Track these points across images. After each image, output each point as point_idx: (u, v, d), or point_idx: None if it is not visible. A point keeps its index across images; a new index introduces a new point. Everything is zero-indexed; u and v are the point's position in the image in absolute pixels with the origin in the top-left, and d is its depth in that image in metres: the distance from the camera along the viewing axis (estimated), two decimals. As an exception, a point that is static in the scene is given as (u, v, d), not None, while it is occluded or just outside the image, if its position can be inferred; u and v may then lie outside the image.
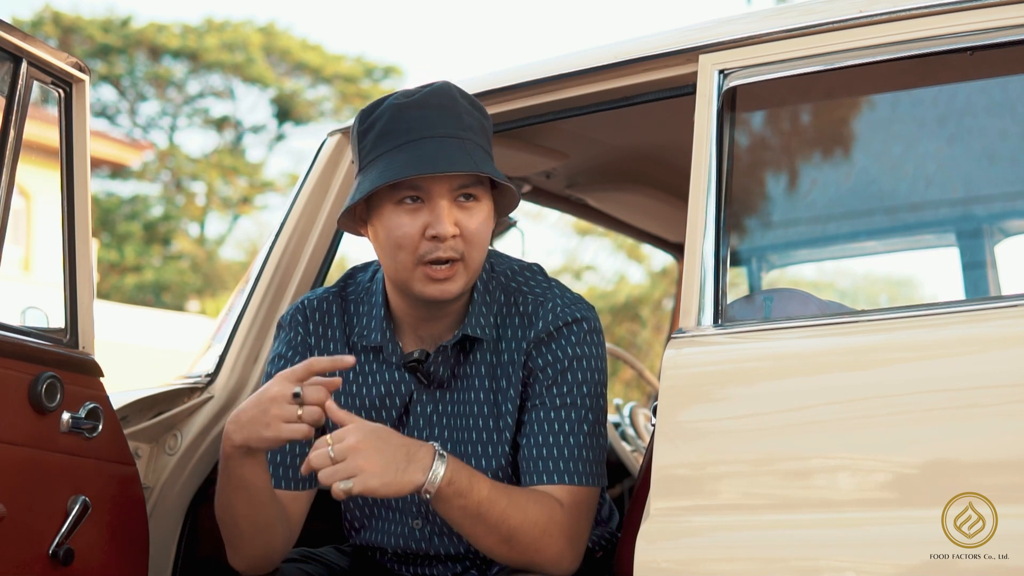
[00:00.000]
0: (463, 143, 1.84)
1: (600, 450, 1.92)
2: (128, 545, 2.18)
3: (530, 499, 1.83)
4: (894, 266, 6.13)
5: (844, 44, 1.86)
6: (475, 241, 1.87)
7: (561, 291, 1.99)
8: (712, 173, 1.90)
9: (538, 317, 1.94)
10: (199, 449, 2.43)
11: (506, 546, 1.81)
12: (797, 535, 1.65)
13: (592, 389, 1.93)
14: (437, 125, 1.84)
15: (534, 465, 1.89)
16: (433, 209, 1.84)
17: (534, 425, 1.91)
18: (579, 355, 1.92)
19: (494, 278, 2.01)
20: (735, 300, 1.95)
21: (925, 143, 2.22)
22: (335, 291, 2.08)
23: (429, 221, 1.84)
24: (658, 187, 3.23)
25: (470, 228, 1.86)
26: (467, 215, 1.87)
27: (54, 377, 2.00)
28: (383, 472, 1.70)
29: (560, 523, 1.83)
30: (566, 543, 1.84)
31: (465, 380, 1.98)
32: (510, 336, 1.96)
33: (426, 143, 1.83)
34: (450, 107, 1.86)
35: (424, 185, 1.84)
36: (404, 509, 2.02)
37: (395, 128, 1.85)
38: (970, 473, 1.59)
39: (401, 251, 1.86)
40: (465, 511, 1.77)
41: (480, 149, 1.87)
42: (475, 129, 1.88)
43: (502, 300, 1.99)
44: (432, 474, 1.72)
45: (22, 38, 2.00)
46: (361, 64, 24.05)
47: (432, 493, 1.73)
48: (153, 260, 21.83)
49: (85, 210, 2.17)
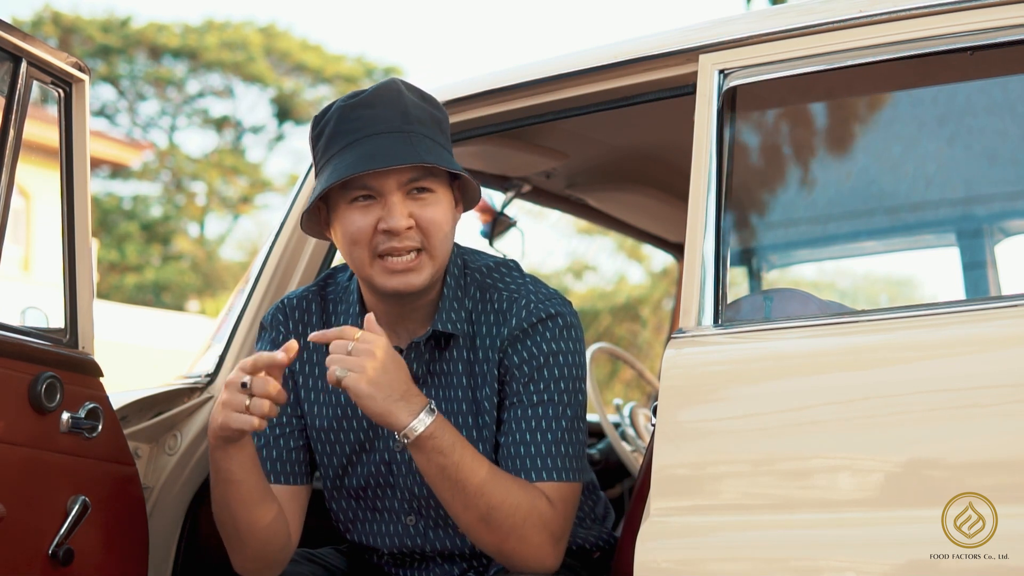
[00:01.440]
0: (408, 137, 1.85)
1: (579, 445, 1.92)
2: (128, 545, 2.18)
3: (515, 482, 1.84)
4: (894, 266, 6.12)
5: (844, 44, 1.86)
6: (433, 231, 1.88)
7: (535, 287, 2.00)
8: (712, 173, 1.90)
9: (512, 314, 1.95)
10: (199, 449, 2.43)
11: (485, 526, 1.81)
12: (797, 535, 1.65)
13: (569, 384, 1.92)
14: (381, 122, 1.86)
15: (512, 463, 1.89)
16: (385, 204, 1.87)
17: (512, 423, 1.91)
18: (554, 351, 1.92)
19: (468, 274, 2.01)
20: (735, 300, 1.95)
21: (925, 143, 2.22)
22: (315, 290, 2.09)
23: (382, 216, 1.86)
24: (658, 187, 3.23)
25: (425, 219, 1.88)
26: (421, 206, 1.88)
27: (54, 377, 2.00)
28: (377, 388, 1.75)
29: (544, 515, 1.83)
30: (548, 536, 1.84)
31: (443, 377, 1.98)
32: (484, 333, 1.96)
33: (370, 140, 1.85)
34: (395, 103, 1.88)
35: (372, 183, 1.86)
36: (397, 509, 2.02)
37: (342, 129, 1.88)
38: (970, 473, 1.59)
39: (356, 247, 1.89)
40: (443, 471, 1.78)
41: (429, 141, 1.87)
42: (424, 122, 1.89)
43: (477, 297, 1.99)
44: (417, 421, 1.76)
45: (22, 38, 2.00)
46: (361, 64, 24.06)
47: (411, 439, 1.76)
48: (153, 260, 21.83)
49: (85, 210, 2.17)
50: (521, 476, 1.87)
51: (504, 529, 1.81)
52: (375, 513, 2.04)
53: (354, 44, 49.12)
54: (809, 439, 1.70)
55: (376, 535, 2.04)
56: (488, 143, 2.67)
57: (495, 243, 3.27)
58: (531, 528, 1.82)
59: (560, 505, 1.86)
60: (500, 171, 3.01)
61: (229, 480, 1.84)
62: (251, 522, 1.88)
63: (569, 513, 1.88)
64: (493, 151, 2.75)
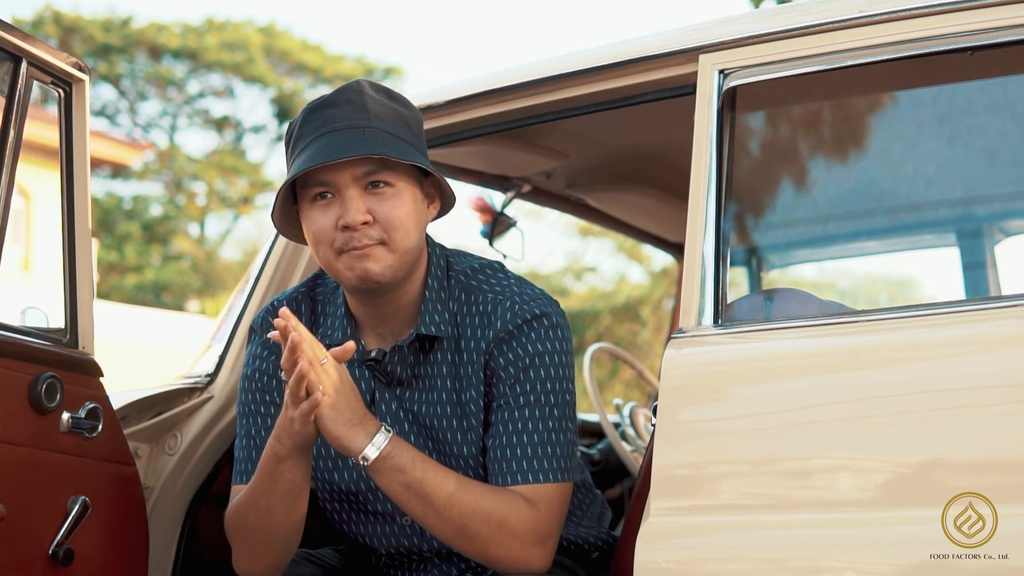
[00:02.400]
0: (362, 131, 1.85)
1: (567, 445, 1.92)
2: (128, 545, 2.18)
3: (485, 490, 1.84)
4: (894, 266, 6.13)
5: (844, 44, 1.86)
6: (392, 225, 1.87)
7: (520, 288, 1.98)
8: (712, 173, 1.90)
9: (496, 316, 1.94)
10: (199, 449, 2.43)
11: (464, 537, 1.81)
12: (797, 535, 1.65)
13: (556, 385, 1.92)
14: (339, 119, 1.86)
15: (498, 467, 1.89)
16: (342, 201, 1.86)
17: (499, 426, 1.91)
18: (540, 352, 1.92)
19: (452, 276, 2.00)
20: (735, 300, 1.95)
21: (925, 143, 2.22)
22: (304, 291, 2.09)
23: (340, 212, 1.86)
24: (658, 187, 3.23)
25: (383, 213, 1.87)
26: (379, 200, 1.87)
27: (54, 377, 2.00)
28: (336, 413, 1.78)
29: (523, 518, 1.83)
30: (532, 538, 1.83)
31: (427, 380, 1.98)
32: (469, 335, 1.95)
33: (325, 137, 1.85)
34: (356, 100, 1.88)
35: (327, 179, 1.86)
36: (391, 511, 2.01)
37: (305, 130, 1.89)
38: (970, 473, 1.59)
39: (320, 246, 1.89)
40: (408, 488, 1.79)
41: (387, 135, 1.86)
42: (384, 118, 1.88)
43: (462, 299, 1.98)
44: (371, 444, 1.78)
45: (22, 38, 2.00)
46: (361, 64, 24.05)
47: (369, 461, 1.78)
48: (153, 260, 21.83)
49: (85, 210, 2.17)
50: (508, 479, 1.87)
51: (483, 537, 1.81)
52: (368, 515, 2.04)
53: (354, 44, 49.17)
54: (809, 439, 1.70)
55: (372, 535, 2.04)
56: (488, 143, 2.66)
57: (495, 243, 3.26)
58: (511, 532, 1.82)
59: (544, 507, 1.86)
60: (500, 171, 3.01)
61: (289, 491, 1.85)
62: (289, 529, 1.89)
63: (556, 514, 1.87)
64: (493, 151, 2.75)
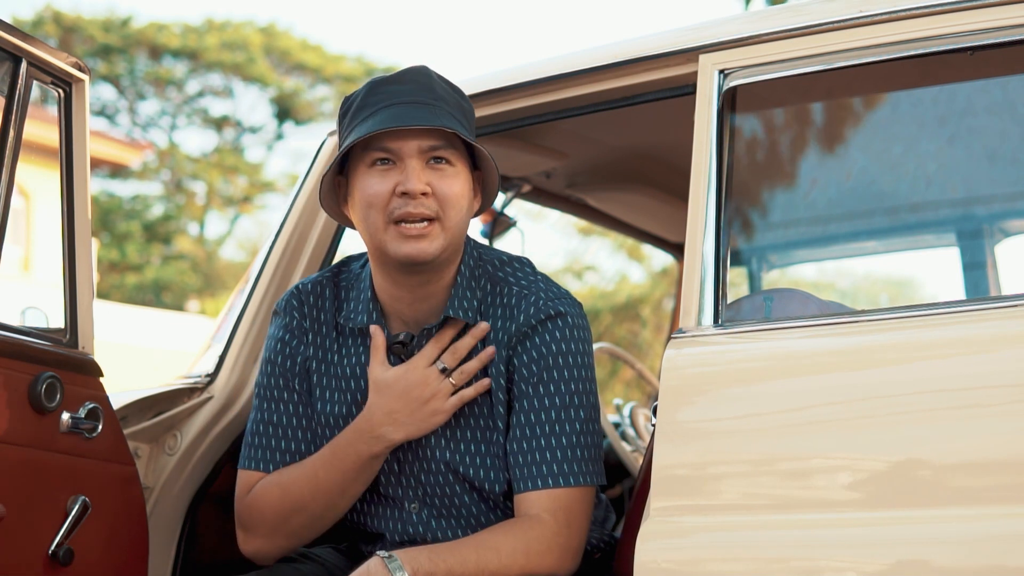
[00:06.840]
0: (432, 108, 1.88)
1: (593, 447, 1.92)
2: (128, 545, 2.18)
3: (499, 535, 1.85)
4: (894, 266, 6.12)
5: (844, 44, 1.86)
6: (449, 202, 1.89)
7: (547, 285, 2.00)
8: (712, 173, 1.90)
9: (520, 310, 1.95)
10: (199, 449, 2.43)
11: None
12: (797, 535, 1.65)
13: (578, 386, 1.92)
14: (407, 95, 1.89)
15: (521, 471, 1.89)
16: (403, 169, 1.88)
17: (522, 428, 1.91)
18: (562, 351, 1.93)
19: (481, 265, 2.02)
20: (735, 300, 1.95)
21: (925, 143, 2.22)
22: (328, 276, 2.10)
23: (400, 180, 1.88)
24: (658, 187, 3.23)
25: (442, 189, 1.89)
26: (439, 177, 1.89)
27: (54, 377, 2.00)
28: None
29: (546, 536, 1.85)
30: (559, 552, 1.86)
31: None
32: (493, 327, 1.97)
33: (394, 108, 1.87)
34: (423, 81, 1.91)
35: (393, 146, 1.88)
36: (401, 496, 2.02)
37: (369, 101, 1.90)
38: (970, 473, 1.59)
39: (372, 210, 1.89)
40: None
41: (451, 116, 1.89)
42: (448, 101, 1.91)
43: (488, 288, 2.00)
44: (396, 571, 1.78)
45: (22, 38, 2.00)
46: (361, 64, 24.03)
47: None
48: (153, 260, 21.82)
49: (85, 210, 2.17)
50: (532, 483, 1.88)
51: (518, 567, 1.84)
52: (379, 498, 2.05)
53: (354, 44, 49.16)
54: (809, 439, 1.70)
55: (380, 518, 2.05)
56: (488, 143, 2.66)
57: (495, 243, 3.27)
58: (537, 557, 1.84)
59: (567, 512, 1.87)
60: (500, 171, 3.00)
61: (368, 480, 1.97)
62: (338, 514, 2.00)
63: (580, 518, 1.89)
64: (493, 151, 2.75)
